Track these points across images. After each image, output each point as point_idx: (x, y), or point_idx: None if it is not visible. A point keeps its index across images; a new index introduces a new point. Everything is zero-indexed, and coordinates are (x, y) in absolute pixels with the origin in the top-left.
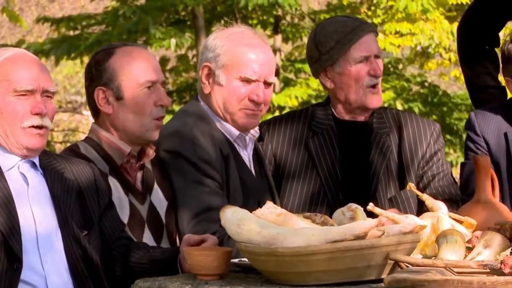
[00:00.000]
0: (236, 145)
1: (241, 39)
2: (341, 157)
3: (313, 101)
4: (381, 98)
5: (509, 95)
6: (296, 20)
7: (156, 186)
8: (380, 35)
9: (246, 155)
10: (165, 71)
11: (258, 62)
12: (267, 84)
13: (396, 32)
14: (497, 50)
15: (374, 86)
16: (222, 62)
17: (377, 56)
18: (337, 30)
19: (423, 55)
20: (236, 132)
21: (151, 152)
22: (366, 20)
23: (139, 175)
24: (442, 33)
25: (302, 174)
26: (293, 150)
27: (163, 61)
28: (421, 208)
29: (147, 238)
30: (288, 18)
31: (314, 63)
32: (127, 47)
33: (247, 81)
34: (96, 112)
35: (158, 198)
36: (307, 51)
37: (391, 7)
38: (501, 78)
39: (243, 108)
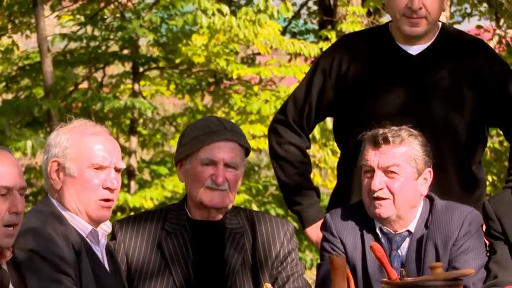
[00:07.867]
0: (88, 240)
1: (85, 130)
2: (195, 257)
3: (168, 203)
4: (225, 198)
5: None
6: (153, 124)
7: (11, 287)
8: None
9: (99, 251)
10: (31, 180)
11: (106, 149)
12: (117, 170)
13: (250, 135)
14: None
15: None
16: (71, 154)
17: (228, 166)
18: (199, 127)
19: None
20: (89, 227)
21: (8, 254)
22: None
23: None
24: None
25: (154, 274)
26: (145, 250)
27: (29, 169)
28: None
29: None
30: (147, 122)
31: (176, 152)
32: None
33: (100, 168)
34: None
35: None
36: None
37: (245, 109)
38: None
39: (98, 199)
